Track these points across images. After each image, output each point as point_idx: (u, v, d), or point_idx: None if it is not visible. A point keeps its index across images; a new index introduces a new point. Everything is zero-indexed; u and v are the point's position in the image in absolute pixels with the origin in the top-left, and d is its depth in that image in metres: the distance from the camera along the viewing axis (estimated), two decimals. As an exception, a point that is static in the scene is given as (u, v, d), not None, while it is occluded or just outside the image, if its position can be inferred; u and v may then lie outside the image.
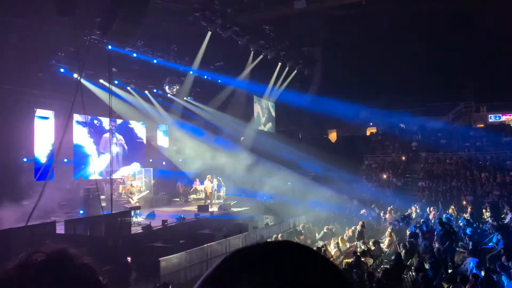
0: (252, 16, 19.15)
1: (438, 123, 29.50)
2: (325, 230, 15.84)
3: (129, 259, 10.90)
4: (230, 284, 0.65)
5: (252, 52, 21.92)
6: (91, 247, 11.18)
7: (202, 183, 20.49)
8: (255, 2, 18.25)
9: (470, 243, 12.58)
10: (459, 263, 11.86)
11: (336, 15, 20.38)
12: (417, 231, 14.21)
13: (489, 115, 32.13)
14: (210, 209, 18.43)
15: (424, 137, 29.50)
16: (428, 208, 19.38)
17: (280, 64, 24.57)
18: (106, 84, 16.15)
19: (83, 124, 18.26)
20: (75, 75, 15.90)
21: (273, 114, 29.50)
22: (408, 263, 11.53)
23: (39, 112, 16.94)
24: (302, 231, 17.03)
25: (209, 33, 18.71)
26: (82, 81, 14.73)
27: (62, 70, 16.41)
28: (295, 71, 26.25)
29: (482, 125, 31.45)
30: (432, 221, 16.86)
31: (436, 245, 12.77)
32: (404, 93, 28.52)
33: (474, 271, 9.43)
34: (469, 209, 18.71)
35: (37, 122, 16.75)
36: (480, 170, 25.02)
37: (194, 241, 13.49)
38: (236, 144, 23.85)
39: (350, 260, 10.96)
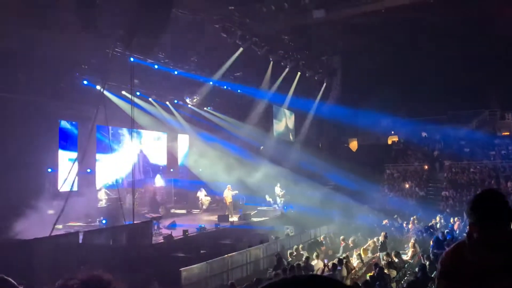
0: (271, 26, 19.24)
1: (461, 131, 28.91)
2: (346, 242, 15.62)
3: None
4: None
5: (272, 62, 21.99)
6: (114, 257, 11.30)
7: (221, 193, 20.52)
8: (274, 12, 18.35)
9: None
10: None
11: (355, 23, 20.30)
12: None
13: (515, 123, 31.34)
14: (230, 219, 18.42)
15: (447, 146, 28.94)
16: (452, 218, 18.95)
17: (299, 73, 24.57)
18: (128, 95, 16.41)
19: (106, 134, 18.54)
20: (98, 87, 16.22)
21: (293, 123, 29.43)
22: (432, 275, 11.27)
23: (63, 123, 17.31)
24: (323, 242, 16.84)
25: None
26: (105, 92, 15.03)
27: (85, 82, 16.74)
28: (315, 80, 26.20)
29: (508, 133, 30.68)
30: (457, 232, 16.47)
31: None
32: (426, 101, 28.10)
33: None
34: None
35: (61, 133, 17.11)
36: (505, 179, 24.38)
37: (215, 251, 13.50)
38: (255, 154, 23.85)
39: (372, 273, 10.76)
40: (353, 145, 35.62)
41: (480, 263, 2.20)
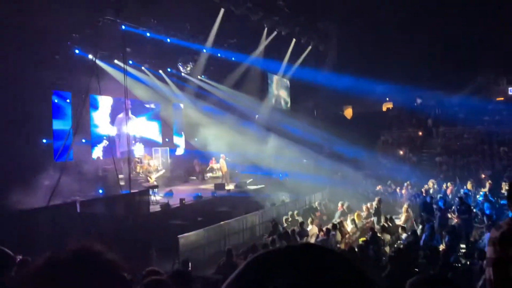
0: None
1: (455, 97, 28.90)
2: (340, 207, 15.85)
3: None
4: None
5: (266, 29, 21.63)
6: (112, 225, 11.45)
7: (218, 161, 20.63)
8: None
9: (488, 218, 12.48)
10: (477, 238, 11.82)
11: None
12: (434, 206, 14.09)
13: (510, 88, 31.35)
14: (226, 187, 18.59)
15: (441, 112, 29.00)
16: (445, 183, 19.19)
17: (294, 40, 24.24)
18: (121, 64, 16.18)
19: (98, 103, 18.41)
20: (90, 56, 15.98)
21: (288, 91, 29.27)
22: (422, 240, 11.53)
23: (57, 93, 17.13)
24: (318, 208, 17.11)
25: (222, 10, 18.51)
26: (97, 62, 14.83)
27: (77, 51, 16.46)
28: (310, 47, 25.90)
29: (502, 98, 30.73)
30: (450, 197, 16.74)
31: (454, 220, 12.73)
32: (421, 67, 27.92)
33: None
34: (487, 184, 18.46)
35: (55, 104, 16.96)
36: (499, 144, 24.59)
37: (212, 219, 13.68)
38: (251, 122, 23.81)
39: (366, 237, 10.99)
40: (348, 112, 35.62)
41: None
